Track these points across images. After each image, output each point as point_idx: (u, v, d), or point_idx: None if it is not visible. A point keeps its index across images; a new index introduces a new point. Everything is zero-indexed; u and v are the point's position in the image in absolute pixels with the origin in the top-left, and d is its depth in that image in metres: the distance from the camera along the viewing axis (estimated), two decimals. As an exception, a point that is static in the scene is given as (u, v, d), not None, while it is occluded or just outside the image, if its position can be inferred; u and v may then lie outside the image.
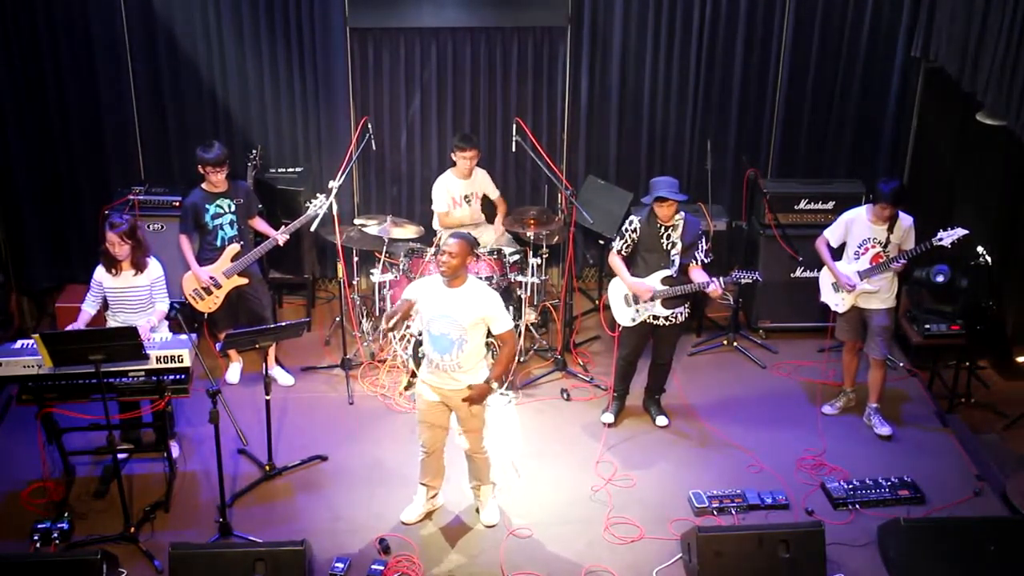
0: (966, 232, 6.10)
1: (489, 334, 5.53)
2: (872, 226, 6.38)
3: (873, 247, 6.40)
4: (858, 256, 6.46)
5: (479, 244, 7.27)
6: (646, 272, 6.29)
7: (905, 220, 6.35)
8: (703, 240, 6.32)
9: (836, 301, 6.63)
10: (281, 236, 6.73)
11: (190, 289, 6.78)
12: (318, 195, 6.84)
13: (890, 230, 6.33)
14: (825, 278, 6.72)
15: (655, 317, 6.37)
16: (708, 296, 6.29)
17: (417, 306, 5.44)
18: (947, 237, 6.13)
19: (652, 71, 7.99)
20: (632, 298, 6.39)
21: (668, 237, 6.23)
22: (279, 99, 7.90)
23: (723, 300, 6.81)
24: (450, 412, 5.59)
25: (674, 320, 6.41)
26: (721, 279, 6.15)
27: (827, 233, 6.61)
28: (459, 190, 7.49)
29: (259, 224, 6.97)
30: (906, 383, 7.27)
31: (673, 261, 6.23)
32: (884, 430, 6.63)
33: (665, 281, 6.26)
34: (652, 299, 6.26)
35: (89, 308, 6.04)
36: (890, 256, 6.34)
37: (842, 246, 6.57)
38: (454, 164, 7.46)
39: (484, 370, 5.50)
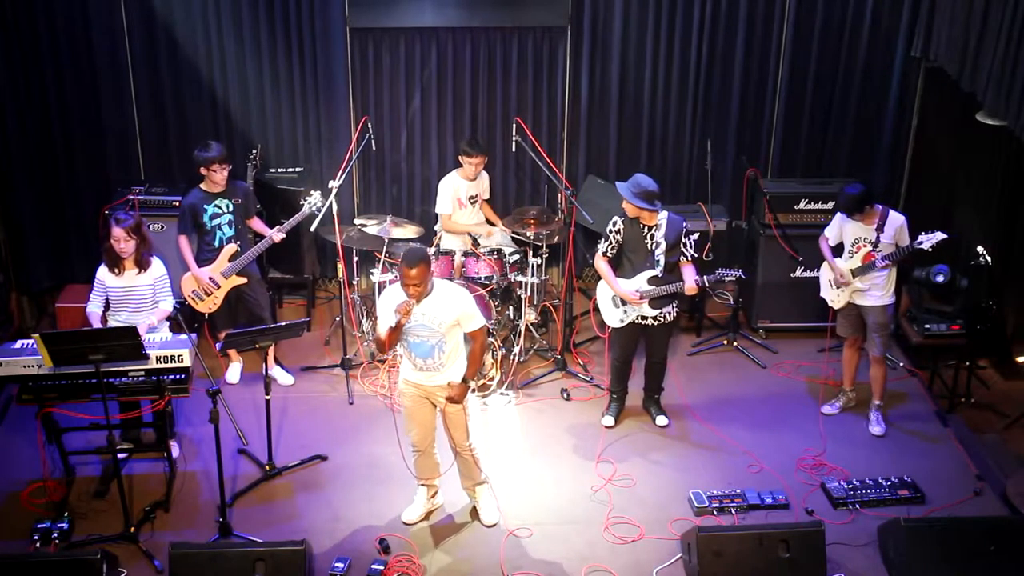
0: (945, 236, 6.10)
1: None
2: (862, 225, 6.39)
3: (864, 246, 6.40)
4: (851, 255, 6.48)
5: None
6: (632, 272, 6.30)
7: (896, 220, 6.35)
8: (688, 236, 6.31)
9: (832, 297, 6.65)
10: (276, 234, 6.71)
11: (189, 290, 6.78)
12: (312, 192, 6.83)
13: (879, 230, 6.33)
14: (824, 274, 6.72)
15: (643, 317, 6.37)
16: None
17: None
18: (927, 241, 6.13)
19: (652, 71, 7.99)
20: (620, 299, 6.40)
21: (652, 237, 6.23)
22: (279, 99, 7.90)
23: (721, 299, 6.81)
24: (434, 408, 5.60)
25: (663, 320, 6.40)
26: (705, 277, 6.16)
27: (827, 232, 6.64)
28: (465, 191, 7.49)
29: (257, 225, 6.96)
30: (906, 383, 7.27)
31: (658, 261, 6.23)
32: (876, 429, 6.64)
33: (651, 281, 6.26)
34: (641, 300, 6.26)
35: (96, 308, 6.05)
36: (882, 255, 6.34)
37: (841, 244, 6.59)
38: (459, 165, 7.47)
39: (464, 361, 5.49)
